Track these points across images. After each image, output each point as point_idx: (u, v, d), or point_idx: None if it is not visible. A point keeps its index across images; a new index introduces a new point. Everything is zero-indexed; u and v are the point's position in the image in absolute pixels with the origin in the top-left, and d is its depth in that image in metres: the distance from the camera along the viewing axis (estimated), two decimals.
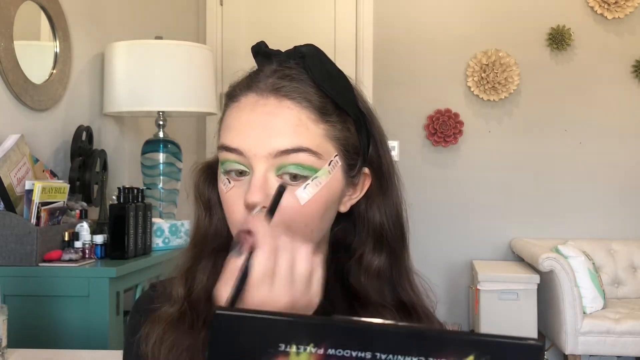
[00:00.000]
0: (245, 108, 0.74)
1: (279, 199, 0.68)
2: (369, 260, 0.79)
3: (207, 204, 0.81)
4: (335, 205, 0.77)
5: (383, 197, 0.81)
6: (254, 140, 0.71)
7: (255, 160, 0.71)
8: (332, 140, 0.74)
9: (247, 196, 0.70)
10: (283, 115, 0.72)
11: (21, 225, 1.82)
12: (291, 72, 0.74)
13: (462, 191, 4.04)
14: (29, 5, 2.22)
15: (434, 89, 4.04)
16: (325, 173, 0.73)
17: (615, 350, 3.32)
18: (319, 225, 0.75)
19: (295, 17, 3.98)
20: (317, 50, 0.76)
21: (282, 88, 0.73)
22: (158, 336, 0.76)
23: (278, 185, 0.69)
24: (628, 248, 3.85)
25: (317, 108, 0.73)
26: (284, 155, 0.71)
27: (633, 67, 3.94)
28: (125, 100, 2.55)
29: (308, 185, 0.72)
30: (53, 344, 1.77)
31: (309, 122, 0.72)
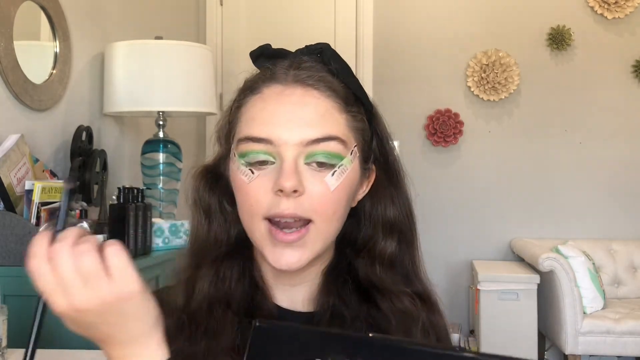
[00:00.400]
0: (269, 99, 0.75)
1: (66, 204, 0.66)
2: (382, 248, 0.80)
3: (206, 210, 0.81)
4: (353, 197, 0.78)
5: (396, 191, 0.82)
6: (284, 130, 0.72)
7: (285, 148, 0.72)
8: (352, 130, 0.76)
9: (281, 180, 0.71)
10: (311, 105, 0.73)
11: (21, 225, 1.82)
12: (310, 65, 0.76)
13: (462, 191, 4.04)
14: (29, 5, 2.22)
15: (434, 89, 4.04)
16: (349, 162, 0.75)
17: (615, 350, 3.32)
18: (343, 214, 0.76)
19: (295, 17, 3.98)
20: (331, 47, 0.78)
21: (307, 79, 0.75)
22: None
23: (64, 189, 0.66)
24: (628, 248, 3.85)
25: (341, 98, 0.75)
26: (314, 144, 0.72)
27: (633, 67, 3.94)
28: (125, 100, 2.55)
29: (335, 172, 0.73)
30: (53, 344, 1.77)
31: (335, 112, 0.74)
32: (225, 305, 0.76)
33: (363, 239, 0.81)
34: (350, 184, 0.76)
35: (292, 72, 0.75)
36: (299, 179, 0.72)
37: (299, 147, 0.72)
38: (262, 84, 0.76)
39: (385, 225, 0.80)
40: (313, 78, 0.75)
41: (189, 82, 2.58)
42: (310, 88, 0.74)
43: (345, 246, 0.81)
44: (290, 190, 0.71)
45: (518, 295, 3.44)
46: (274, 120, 0.73)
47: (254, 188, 0.73)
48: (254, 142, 0.73)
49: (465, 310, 4.00)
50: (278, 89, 0.75)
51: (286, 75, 0.75)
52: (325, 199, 0.73)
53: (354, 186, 0.77)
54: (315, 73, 0.75)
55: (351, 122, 0.76)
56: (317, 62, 0.77)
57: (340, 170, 0.74)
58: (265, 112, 0.74)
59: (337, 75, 0.76)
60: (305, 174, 0.73)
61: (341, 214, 0.76)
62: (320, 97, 0.74)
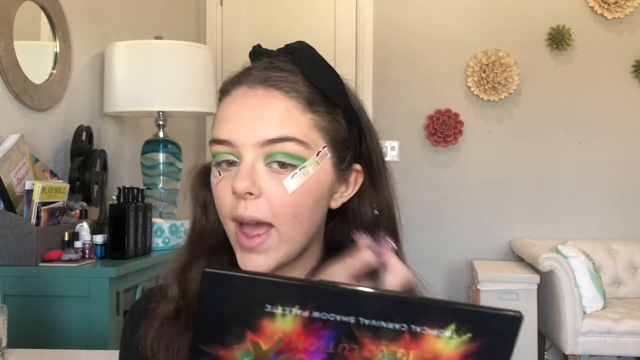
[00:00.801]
0: (235, 100, 0.75)
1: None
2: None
3: (203, 205, 0.82)
4: (325, 199, 0.77)
5: (375, 193, 0.81)
6: (243, 130, 0.73)
7: (243, 149, 0.72)
8: (319, 131, 0.75)
9: (234, 182, 0.71)
10: (270, 105, 0.73)
11: (21, 225, 1.82)
12: (280, 64, 0.76)
13: (462, 191, 4.04)
14: (29, 5, 2.22)
15: (434, 89, 4.04)
16: (313, 163, 0.74)
17: (615, 350, 3.32)
18: (309, 218, 0.75)
19: (295, 17, 3.98)
20: (307, 45, 0.77)
21: (270, 79, 0.74)
22: (156, 333, 0.76)
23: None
24: (628, 248, 3.85)
25: (304, 98, 0.74)
26: (271, 144, 0.72)
27: (633, 67, 3.94)
28: (125, 100, 2.55)
29: (296, 174, 0.72)
30: (53, 344, 1.77)
31: (296, 112, 0.73)
32: None
33: (350, 240, 0.80)
34: (317, 186, 0.74)
35: (262, 72, 0.75)
36: (254, 181, 0.72)
37: (257, 148, 0.72)
38: (231, 86, 0.77)
39: (367, 227, 0.79)
40: (275, 79, 0.74)
41: (189, 82, 2.58)
42: (272, 89, 0.74)
43: (333, 250, 0.81)
44: (242, 192, 0.71)
45: (518, 295, 3.44)
46: (235, 121, 0.74)
47: (220, 189, 0.75)
48: (217, 144, 0.74)
49: None
50: (243, 90, 0.75)
51: (254, 77, 0.75)
52: (283, 202, 0.72)
53: (324, 188, 0.76)
54: (278, 73, 0.75)
55: (317, 122, 0.74)
56: (289, 61, 0.76)
57: (301, 173, 0.73)
58: (229, 113, 0.75)
59: (307, 75, 0.75)
60: (263, 175, 0.72)
61: (307, 217, 0.74)
62: (282, 97, 0.73)
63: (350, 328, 0.46)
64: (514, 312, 0.45)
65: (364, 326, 0.46)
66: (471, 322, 0.45)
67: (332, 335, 0.46)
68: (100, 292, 1.80)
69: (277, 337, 0.47)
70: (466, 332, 0.45)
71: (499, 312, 0.45)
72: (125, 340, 0.81)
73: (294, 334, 0.47)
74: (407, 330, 0.46)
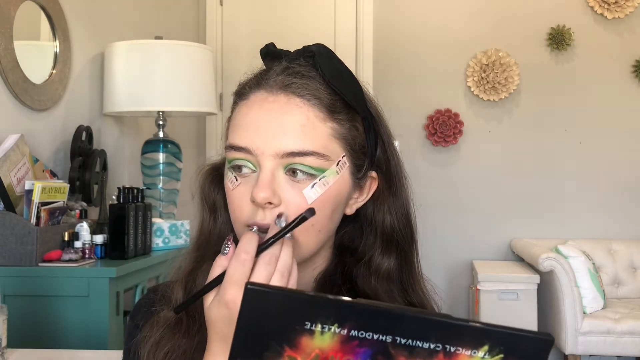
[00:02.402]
0: (253, 105, 0.73)
1: (298, 223, 0.68)
2: (379, 262, 0.78)
3: (212, 207, 0.81)
4: (342, 207, 0.76)
5: (393, 199, 0.80)
6: (262, 139, 0.71)
7: (262, 158, 0.71)
8: (339, 140, 0.74)
9: (254, 191, 0.70)
10: (291, 114, 0.71)
11: (21, 225, 1.82)
12: (301, 70, 0.74)
13: (462, 191, 4.04)
14: (29, 5, 2.22)
15: (434, 89, 4.04)
16: (333, 173, 0.73)
17: (615, 350, 3.32)
18: (327, 226, 0.74)
19: (295, 17, 3.98)
20: (326, 49, 0.76)
21: (291, 85, 0.72)
22: (155, 340, 0.75)
23: (303, 212, 0.68)
24: (628, 248, 3.85)
25: (325, 106, 0.73)
26: (290, 156, 0.71)
27: (633, 67, 3.94)
28: (125, 100, 2.54)
29: (315, 184, 0.72)
30: (53, 344, 1.77)
31: (317, 121, 0.72)
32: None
33: (365, 246, 0.80)
34: (336, 195, 0.74)
35: (281, 77, 0.73)
36: (274, 190, 0.70)
37: (276, 158, 0.71)
38: (249, 89, 0.75)
39: (383, 235, 0.79)
40: (297, 85, 0.72)
41: (189, 82, 2.58)
42: (294, 96, 0.72)
43: (345, 254, 0.80)
44: (262, 202, 0.70)
45: (518, 295, 3.44)
46: (253, 129, 0.72)
47: (236, 195, 0.73)
48: (235, 150, 0.73)
49: (465, 310, 4.00)
50: (262, 95, 0.73)
51: (274, 82, 0.73)
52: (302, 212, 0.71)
53: (342, 197, 0.75)
54: (300, 80, 0.73)
55: (338, 131, 0.73)
56: (309, 66, 0.74)
57: (321, 183, 0.72)
58: (247, 119, 0.73)
59: (327, 80, 0.73)
60: (283, 185, 0.71)
61: (324, 225, 0.74)
62: (304, 105, 0.72)
63: (386, 347, 0.47)
64: (545, 334, 0.47)
65: (400, 345, 0.47)
66: (504, 344, 0.47)
67: (368, 353, 0.47)
68: (100, 292, 1.80)
69: (315, 353, 0.48)
70: (498, 352, 0.47)
71: (532, 334, 0.47)
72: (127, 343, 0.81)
73: (331, 350, 0.47)
74: (441, 349, 0.47)
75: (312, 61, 0.74)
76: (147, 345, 0.75)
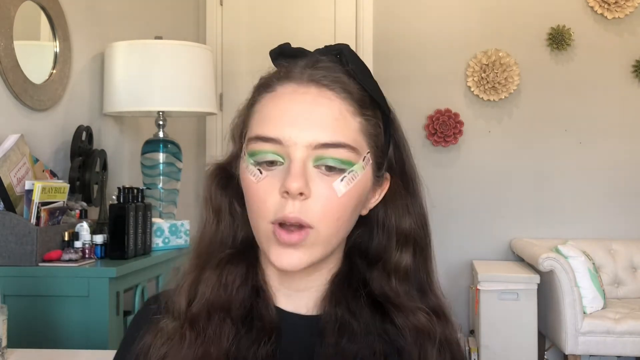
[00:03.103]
0: (283, 97, 0.73)
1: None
2: (397, 261, 0.78)
3: (217, 209, 0.79)
4: (362, 204, 0.76)
5: (411, 199, 0.80)
6: (294, 130, 0.71)
7: (294, 149, 0.70)
8: (365, 136, 0.74)
9: (287, 181, 0.69)
10: (324, 107, 0.71)
11: (21, 225, 1.82)
12: (328, 65, 0.74)
13: (462, 191, 4.04)
14: (29, 5, 2.22)
15: (434, 89, 4.04)
16: (361, 168, 0.73)
17: (615, 350, 3.32)
18: (348, 221, 0.74)
19: (295, 17, 3.98)
20: (351, 48, 0.77)
21: (322, 79, 0.73)
22: (160, 354, 0.74)
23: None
24: (628, 248, 3.85)
25: (356, 100, 0.73)
26: (323, 148, 0.71)
27: (633, 67, 3.94)
28: (125, 100, 2.54)
29: (345, 177, 0.72)
30: (53, 344, 1.77)
31: (348, 115, 0.72)
32: (225, 312, 0.75)
33: (376, 249, 0.79)
34: (360, 191, 0.74)
35: (308, 72, 0.73)
36: (306, 181, 0.70)
37: (308, 150, 0.70)
38: (276, 81, 0.74)
39: (400, 235, 0.79)
40: (328, 78, 0.72)
41: (189, 82, 2.58)
42: (325, 89, 0.72)
43: (355, 256, 0.80)
44: (296, 192, 0.69)
45: (518, 295, 3.44)
46: (285, 120, 0.71)
47: (261, 189, 0.72)
48: (263, 142, 0.72)
49: (465, 310, 4.00)
50: (292, 87, 0.73)
51: (301, 75, 0.73)
52: (331, 205, 0.71)
53: (364, 194, 0.75)
54: (331, 73, 0.73)
55: (365, 127, 0.74)
56: (335, 63, 0.75)
57: (350, 177, 0.72)
58: (276, 110, 0.72)
59: (355, 76, 0.74)
60: (313, 177, 0.71)
61: (346, 221, 0.74)
62: (335, 98, 0.72)
63: None
64: None
65: None
66: None
67: None
68: (100, 292, 1.80)
69: None
70: None
71: None
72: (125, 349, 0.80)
73: None
74: None
75: (337, 58, 0.75)
76: (152, 357, 0.74)
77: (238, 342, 0.73)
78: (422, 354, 0.75)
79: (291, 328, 0.76)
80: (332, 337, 0.74)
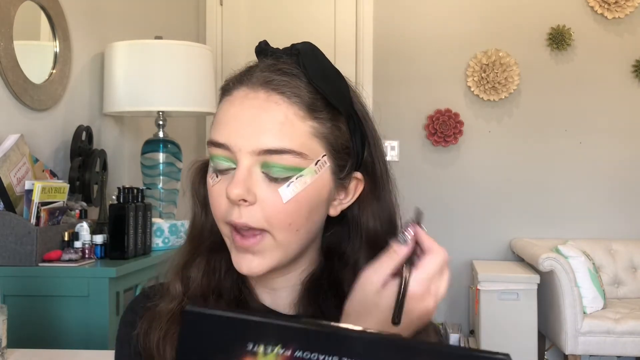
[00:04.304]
0: (235, 102, 0.74)
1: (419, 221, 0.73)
2: (367, 257, 0.77)
3: (203, 202, 0.81)
4: (322, 207, 0.76)
5: (377, 202, 0.79)
6: (240, 136, 0.71)
7: (240, 154, 0.71)
8: (319, 138, 0.73)
9: (228, 188, 0.70)
10: (270, 111, 0.71)
11: (21, 225, 1.82)
12: (284, 67, 0.74)
13: (462, 191, 4.04)
14: (29, 5, 2.22)
15: (434, 89, 4.04)
16: (312, 172, 0.72)
17: (615, 350, 3.32)
18: (304, 225, 0.74)
19: (295, 17, 3.98)
20: (312, 47, 0.75)
21: (272, 82, 0.73)
22: (162, 332, 0.75)
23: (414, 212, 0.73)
24: (628, 248, 3.85)
25: (306, 104, 0.72)
26: (267, 154, 0.71)
27: (633, 67, 3.94)
28: (125, 100, 2.54)
29: (292, 183, 0.71)
30: (53, 344, 1.77)
31: (296, 119, 0.72)
32: (217, 295, 0.77)
33: (351, 250, 0.79)
34: (315, 195, 0.73)
35: (264, 74, 0.73)
36: (249, 187, 0.70)
37: (253, 156, 0.71)
38: (232, 85, 0.75)
39: (367, 238, 0.78)
40: (278, 82, 0.72)
41: (189, 82, 2.58)
42: (274, 93, 0.72)
43: (332, 257, 0.80)
44: (236, 199, 0.70)
45: (518, 295, 3.44)
46: (232, 126, 0.72)
47: (215, 192, 0.74)
48: (215, 147, 0.73)
49: (465, 310, 4.00)
50: (244, 92, 0.73)
51: (256, 78, 0.73)
52: (278, 210, 0.71)
53: (322, 197, 0.74)
54: (281, 77, 0.73)
55: (318, 130, 0.73)
56: (294, 64, 0.74)
57: (297, 182, 0.71)
58: (228, 116, 0.73)
59: (310, 79, 0.73)
60: (259, 182, 0.71)
61: (302, 225, 0.73)
62: (283, 102, 0.71)
63: None
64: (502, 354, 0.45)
65: None
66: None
67: None
68: (100, 292, 1.80)
69: None
70: None
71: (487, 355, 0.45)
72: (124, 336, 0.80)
73: None
74: None
75: (296, 59, 0.74)
76: (153, 337, 0.75)
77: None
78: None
79: None
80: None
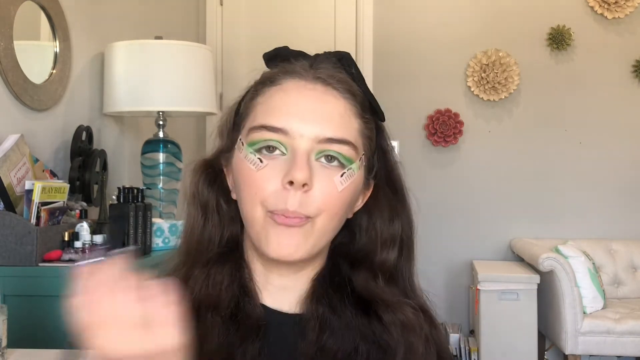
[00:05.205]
0: (290, 91, 0.74)
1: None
2: (382, 261, 0.79)
3: (204, 206, 0.80)
4: (353, 204, 0.77)
5: (399, 205, 0.81)
6: (302, 122, 0.72)
7: (300, 141, 0.71)
8: (362, 138, 0.76)
9: (293, 171, 0.69)
10: (330, 103, 0.73)
11: (21, 225, 1.82)
12: (329, 67, 0.76)
13: (462, 191, 4.04)
14: (29, 5, 2.22)
15: (434, 89, 4.04)
16: (357, 167, 0.75)
17: (615, 350, 3.32)
18: (341, 219, 0.76)
19: (295, 17, 3.98)
20: (350, 55, 0.79)
21: (327, 78, 0.75)
22: None
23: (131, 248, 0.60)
24: (628, 248, 3.85)
25: (358, 102, 0.75)
26: (328, 142, 0.72)
27: (633, 67, 3.94)
28: (125, 100, 2.54)
29: (344, 174, 0.73)
30: (53, 344, 1.77)
31: (351, 115, 0.75)
32: (214, 310, 0.76)
33: (360, 252, 0.80)
34: (354, 191, 0.75)
35: (312, 71, 0.75)
36: (310, 173, 0.71)
37: (313, 143, 0.72)
38: (282, 76, 0.76)
39: (386, 239, 0.79)
40: (334, 78, 0.75)
41: (189, 82, 2.58)
42: (331, 87, 0.74)
43: (338, 257, 0.80)
44: (301, 182, 0.69)
45: (518, 295, 3.44)
46: (292, 112, 0.72)
47: (260, 177, 0.72)
48: (268, 131, 0.72)
49: (465, 310, 4.00)
50: (300, 82, 0.74)
51: (306, 73, 0.75)
52: (332, 198, 0.72)
53: (356, 194, 0.77)
54: (335, 73, 0.75)
55: (363, 129, 0.76)
56: (336, 66, 0.77)
57: (348, 173, 0.73)
58: (284, 102, 0.73)
59: (356, 80, 0.76)
60: (317, 169, 0.72)
61: (341, 217, 0.75)
62: (340, 97, 0.74)
63: None
64: None
65: None
66: None
67: None
68: None
69: None
70: None
71: None
72: None
73: None
74: None
75: (338, 62, 0.77)
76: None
77: (227, 339, 0.74)
78: (408, 349, 0.75)
79: (276, 326, 0.77)
80: (314, 335, 0.74)
